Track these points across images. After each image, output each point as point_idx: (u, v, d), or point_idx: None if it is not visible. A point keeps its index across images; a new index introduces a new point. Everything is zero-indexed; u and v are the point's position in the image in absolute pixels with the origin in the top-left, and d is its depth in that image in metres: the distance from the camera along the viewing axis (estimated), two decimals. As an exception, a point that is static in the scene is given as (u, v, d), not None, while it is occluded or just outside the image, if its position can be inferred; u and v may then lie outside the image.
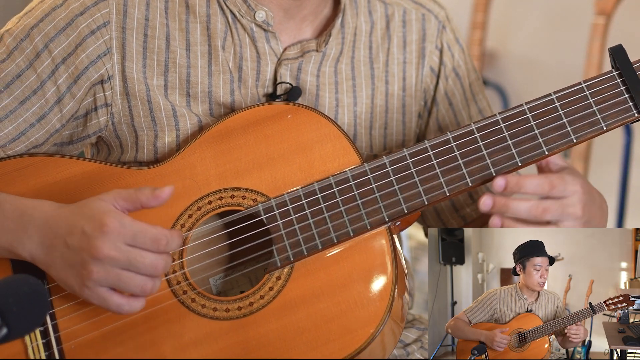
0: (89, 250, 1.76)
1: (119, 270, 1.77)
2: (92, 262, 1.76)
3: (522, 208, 1.88)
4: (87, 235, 1.77)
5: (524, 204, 1.88)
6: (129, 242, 1.77)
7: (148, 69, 1.99)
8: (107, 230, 1.76)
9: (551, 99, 1.93)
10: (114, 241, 1.76)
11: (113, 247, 1.76)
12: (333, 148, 1.94)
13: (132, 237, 1.77)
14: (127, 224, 1.78)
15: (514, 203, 1.88)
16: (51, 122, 1.97)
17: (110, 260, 1.76)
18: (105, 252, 1.76)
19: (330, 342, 1.84)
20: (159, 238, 1.78)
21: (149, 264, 1.78)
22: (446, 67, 2.18)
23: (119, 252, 1.76)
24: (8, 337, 1.54)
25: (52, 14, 1.96)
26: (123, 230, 1.77)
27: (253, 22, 2.03)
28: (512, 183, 1.89)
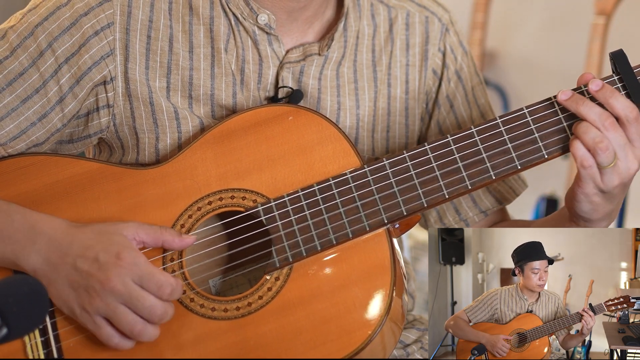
0: (99, 278, 1.79)
1: (117, 303, 1.79)
2: (98, 290, 1.79)
3: (595, 110, 1.88)
4: (100, 263, 1.80)
5: (598, 107, 1.88)
6: (135, 281, 1.80)
7: (151, 70, 1.99)
8: (121, 264, 1.79)
9: (551, 103, 1.93)
10: (123, 276, 1.79)
11: (121, 281, 1.79)
12: (333, 150, 1.94)
13: (140, 277, 1.80)
14: (141, 263, 1.81)
15: (589, 102, 1.89)
16: (52, 122, 1.97)
17: (114, 293, 1.79)
18: (112, 285, 1.78)
19: (329, 343, 1.84)
20: (164, 285, 1.80)
21: (148, 306, 1.80)
22: (449, 70, 2.18)
23: (124, 287, 1.79)
24: (8, 337, 1.54)
25: (57, 13, 1.95)
26: (134, 268, 1.80)
27: (255, 25, 2.02)
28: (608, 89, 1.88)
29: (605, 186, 1.89)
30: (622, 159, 1.88)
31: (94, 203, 1.92)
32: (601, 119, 1.87)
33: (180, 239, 1.87)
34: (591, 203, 1.92)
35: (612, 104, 1.87)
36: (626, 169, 1.88)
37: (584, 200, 1.92)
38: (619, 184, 1.89)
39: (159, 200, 1.92)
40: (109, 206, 1.92)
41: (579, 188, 1.91)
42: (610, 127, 1.87)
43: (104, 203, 1.92)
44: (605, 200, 1.92)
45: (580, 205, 1.93)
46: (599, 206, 1.93)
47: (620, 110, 1.87)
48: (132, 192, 1.93)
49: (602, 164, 1.87)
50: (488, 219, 2.23)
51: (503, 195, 2.21)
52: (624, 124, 1.87)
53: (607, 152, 1.86)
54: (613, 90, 1.88)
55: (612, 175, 1.88)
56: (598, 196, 1.91)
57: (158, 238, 1.85)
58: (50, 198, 1.91)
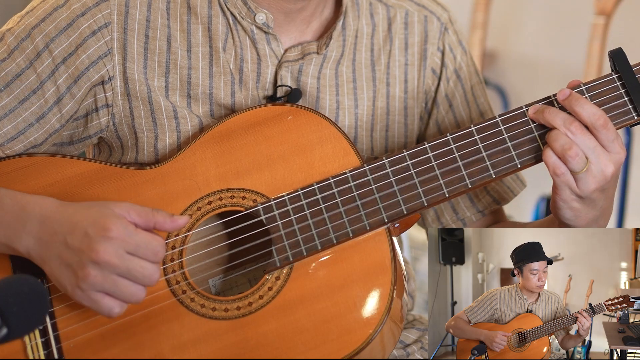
0: (89, 253, 1.76)
1: (115, 276, 1.78)
2: (90, 265, 1.77)
3: (560, 116, 1.88)
4: (89, 237, 1.77)
5: (562, 113, 1.89)
6: (130, 251, 1.78)
7: (149, 70, 1.99)
8: (110, 236, 1.77)
9: (551, 101, 1.93)
10: (115, 248, 1.77)
11: (114, 254, 1.77)
12: (333, 149, 1.94)
13: (135, 247, 1.78)
14: (132, 232, 1.78)
15: (553, 110, 1.89)
16: (50, 122, 1.97)
17: (109, 266, 1.77)
18: (105, 257, 1.76)
19: (329, 342, 1.84)
20: (160, 250, 1.80)
21: (147, 275, 1.79)
22: (447, 69, 2.18)
23: (119, 259, 1.77)
24: (8, 337, 1.54)
25: (54, 14, 1.96)
26: (127, 239, 1.78)
27: (253, 24, 2.02)
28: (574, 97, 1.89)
29: (582, 191, 1.88)
30: (595, 162, 1.86)
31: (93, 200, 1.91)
32: (566, 124, 1.87)
33: (172, 220, 1.84)
34: (572, 209, 1.92)
35: (577, 111, 1.87)
36: (600, 172, 1.87)
37: (564, 207, 1.92)
38: (596, 188, 1.88)
39: (158, 200, 1.92)
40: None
41: (556, 195, 1.91)
42: (576, 131, 1.86)
43: (103, 203, 1.92)
44: (585, 205, 1.91)
45: (562, 212, 1.93)
46: (580, 212, 1.92)
47: (586, 117, 1.87)
48: (132, 192, 1.93)
49: (574, 170, 1.86)
50: (485, 218, 2.23)
51: (501, 195, 2.21)
52: (593, 131, 1.87)
53: (577, 158, 1.85)
54: (579, 98, 1.88)
55: (587, 180, 1.87)
56: (577, 202, 1.91)
57: (150, 220, 1.82)
58: (50, 198, 1.91)
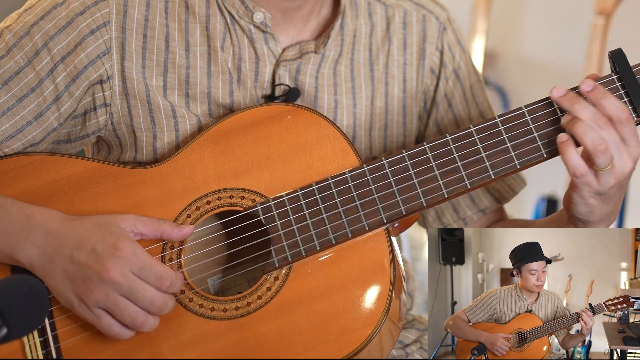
0: (96, 270, 1.78)
1: (117, 295, 1.79)
2: (96, 281, 1.78)
3: (589, 110, 1.86)
4: (97, 254, 1.79)
5: (591, 107, 1.87)
6: (135, 272, 1.79)
7: (147, 69, 1.99)
8: (119, 255, 1.78)
9: (550, 102, 1.93)
10: (122, 266, 1.78)
11: (120, 272, 1.78)
12: (332, 149, 1.94)
13: (140, 268, 1.79)
14: (140, 254, 1.80)
15: (582, 101, 1.88)
16: (48, 121, 1.97)
17: (113, 284, 1.78)
18: (111, 275, 1.77)
19: (328, 343, 1.84)
20: (164, 277, 1.80)
21: (148, 298, 1.79)
22: (446, 69, 2.18)
23: (124, 278, 1.78)
24: (8, 337, 1.54)
25: (53, 12, 1.95)
26: (134, 259, 1.79)
27: (251, 24, 2.02)
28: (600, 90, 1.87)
29: (601, 187, 1.88)
30: (617, 158, 1.87)
31: (92, 202, 1.92)
32: (595, 117, 1.86)
33: (179, 229, 1.86)
34: (588, 205, 1.92)
35: (603, 104, 1.86)
36: (621, 168, 1.87)
37: (580, 202, 1.92)
38: (615, 183, 1.88)
39: (157, 200, 1.92)
40: (107, 205, 1.91)
41: (574, 192, 1.91)
42: (604, 126, 1.86)
43: (102, 202, 1.92)
44: (602, 201, 1.91)
45: (577, 207, 1.93)
46: (595, 208, 1.92)
47: (612, 111, 1.86)
48: (131, 192, 1.93)
49: (600, 166, 1.86)
50: (486, 217, 2.23)
51: (501, 194, 2.21)
52: (616, 124, 1.86)
53: (606, 153, 1.85)
54: (605, 91, 1.87)
55: (609, 177, 1.87)
56: (595, 198, 1.91)
57: (157, 229, 1.85)
58: (48, 197, 1.91)
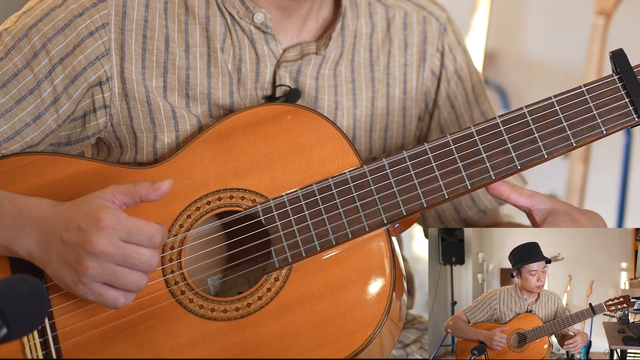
0: (84, 246, 1.76)
1: (114, 265, 1.77)
2: (87, 258, 1.76)
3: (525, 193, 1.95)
4: (83, 230, 1.77)
5: None
6: (124, 238, 1.77)
7: (147, 70, 1.99)
8: (102, 226, 1.76)
9: (551, 103, 1.92)
10: (109, 237, 1.76)
11: (108, 243, 1.76)
12: (332, 149, 1.93)
13: (128, 234, 1.77)
14: (123, 220, 1.78)
15: None
16: (47, 122, 1.97)
17: (105, 256, 1.76)
18: (100, 247, 1.76)
19: (328, 344, 1.84)
20: (154, 234, 1.78)
21: (145, 260, 1.78)
22: (448, 70, 2.18)
23: (114, 247, 1.76)
24: (8, 337, 1.54)
25: (51, 14, 1.95)
26: (119, 226, 1.77)
27: (252, 24, 2.02)
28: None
29: None
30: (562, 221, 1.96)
31: None
32: None
33: (154, 188, 1.81)
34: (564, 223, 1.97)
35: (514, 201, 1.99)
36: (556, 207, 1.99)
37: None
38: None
39: (157, 201, 1.91)
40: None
41: None
42: None
43: (102, 203, 1.91)
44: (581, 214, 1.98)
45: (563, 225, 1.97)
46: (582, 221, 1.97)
47: None
48: (131, 192, 1.92)
49: None
50: (487, 218, 2.23)
51: None
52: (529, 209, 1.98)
53: None
54: None
55: None
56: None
57: (134, 194, 1.81)
58: (49, 197, 1.90)
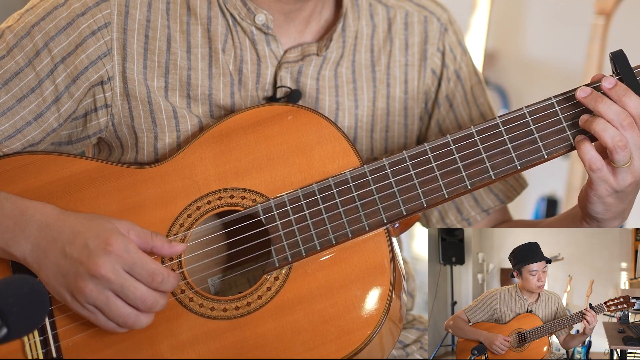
0: (87, 265, 1.77)
1: (109, 293, 1.78)
2: (87, 278, 1.77)
3: (614, 109, 1.86)
4: (89, 249, 1.78)
5: (616, 107, 1.87)
6: (127, 269, 1.78)
7: (149, 70, 1.99)
8: (110, 250, 1.77)
9: (551, 103, 1.92)
10: (113, 263, 1.77)
11: (111, 269, 1.77)
12: (333, 149, 1.93)
13: (131, 265, 1.78)
14: (131, 250, 1.79)
15: (607, 100, 1.87)
16: (48, 121, 1.97)
17: (105, 281, 1.77)
18: (102, 272, 1.76)
19: (328, 343, 1.84)
20: (156, 274, 1.79)
21: (139, 296, 1.78)
22: (448, 70, 2.18)
23: (115, 274, 1.77)
24: (8, 337, 1.54)
25: (54, 13, 1.95)
26: (125, 255, 1.78)
27: (253, 25, 2.02)
28: (622, 87, 1.87)
29: (619, 185, 1.88)
30: (637, 158, 1.86)
31: (93, 202, 1.92)
32: (620, 117, 1.85)
33: (170, 246, 1.84)
34: (604, 204, 1.91)
35: (625, 102, 1.86)
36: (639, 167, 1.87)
37: (597, 201, 1.91)
38: (633, 182, 1.88)
39: (158, 200, 1.91)
40: (108, 205, 1.91)
41: (591, 190, 1.90)
42: (628, 127, 1.85)
43: (103, 202, 1.92)
44: (618, 199, 1.91)
45: (593, 206, 1.93)
46: (612, 206, 1.92)
47: (634, 108, 1.86)
48: (132, 191, 1.93)
49: (618, 163, 1.85)
50: (490, 217, 2.23)
51: (505, 194, 2.21)
52: (638, 122, 1.86)
53: (625, 150, 1.84)
54: (626, 89, 1.87)
55: (627, 174, 1.87)
56: (612, 196, 1.90)
57: (148, 242, 1.83)
58: (49, 197, 1.91)
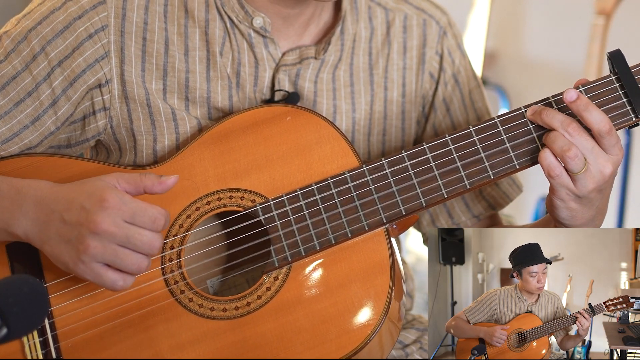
0: (87, 225, 1.76)
1: (116, 246, 1.77)
2: (89, 237, 1.76)
3: (557, 117, 1.87)
4: (86, 210, 1.77)
5: (560, 114, 1.88)
6: (127, 219, 1.77)
7: (147, 73, 1.99)
8: (106, 206, 1.76)
9: (549, 103, 1.93)
10: (113, 217, 1.76)
11: (112, 223, 1.76)
12: (332, 150, 1.94)
13: (132, 215, 1.78)
14: (127, 201, 1.78)
15: (551, 111, 1.88)
16: (45, 125, 1.97)
17: (108, 236, 1.76)
18: (104, 227, 1.76)
19: (327, 343, 1.84)
20: (158, 217, 1.79)
21: (147, 242, 1.78)
22: (446, 73, 2.18)
23: (117, 227, 1.76)
24: (8, 337, 1.54)
25: (51, 17, 1.95)
26: (123, 207, 1.77)
27: (251, 28, 2.02)
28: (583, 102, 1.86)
29: (580, 192, 1.88)
30: (593, 162, 1.86)
31: None
32: (564, 125, 1.86)
33: (160, 182, 1.83)
34: (568, 209, 1.91)
35: (585, 116, 1.86)
36: (598, 172, 1.87)
37: (561, 206, 1.92)
38: (594, 188, 1.88)
39: (157, 200, 1.91)
40: None
41: (553, 195, 1.91)
42: (574, 132, 1.85)
43: (102, 203, 1.92)
44: (582, 205, 1.91)
45: (558, 211, 1.93)
46: (577, 212, 1.92)
47: (595, 123, 1.85)
48: (130, 192, 1.93)
49: (573, 171, 1.86)
50: (480, 223, 2.23)
51: (496, 200, 2.21)
52: (597, 137, 1.86)
53: (575, 159, 1.84)
54: (587, 103, 1.86)
55: (586, 180, 1.87)
56: (574, 202, 1.90)
57: (139, 184, 1.82)
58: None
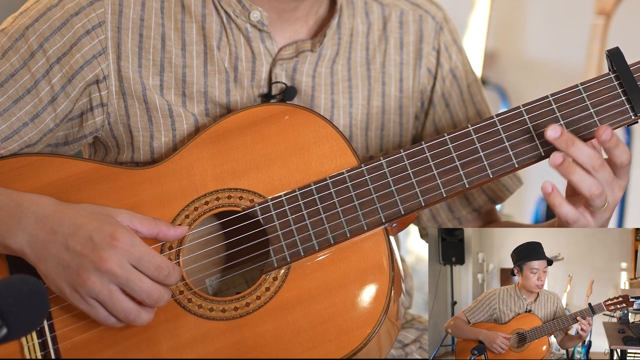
0: (92, 258, 1.77)
1: (113, 287, 1.78)
2: (92, 271, 1.77)
3: (585, 151, 1.84)
4: (94, 243, 1.78)
5: (588, 148, 1.85)
6: (133, 263, 1.79)
7: (144, 68, 1.99)
8: (116, 245, 1.77)
9: (548, 101, 1.92)
10: (120, 257, 1.77)
11: (117, 263, 1.77)
12: (330, 149, 1.94)
13: (138, 259, 1.78)
14: (137, 244, 1.79)
15: (580, 142, 1.85)
16: (45, 122, 1.97)
17: (110, 275, 1.77)
18: (108, 266, 1.76)
19: (327, 343, 1.84)
20: (162, 267, 1.80)
21: (145, 290, 1.79)
22: (443, 69, 2.18)
23: (121, 269, 1.77)
24: (8, 337, 1.54)
25: (48, 14, 1.96)
26: (132, 249, 1.78)
27: (248, 22, 2.03)
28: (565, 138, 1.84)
29: (597, 224, 1.89)
30: (610, 194, 1.87)
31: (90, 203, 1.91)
32: (592, 161, 1.84)
33: (175, 229, 1.86)
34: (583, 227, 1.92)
35: (573, 153, 1.84)
36: (614, 201, 1.88)
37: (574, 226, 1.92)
38: (609, 216, 1.91)
39: (155, 201, 1.91)
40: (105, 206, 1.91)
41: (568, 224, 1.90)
42: (599, 168, 1.85)
43: (100, 203, 1.91)
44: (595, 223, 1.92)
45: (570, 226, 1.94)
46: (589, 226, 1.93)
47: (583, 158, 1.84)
48: (129, 192, 1.93)
49: (596, 208, 1.86)
50: (481, 217, 2.23)
51: (496, 194, 2.21)
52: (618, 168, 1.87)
53: (602, 197, 1.85)
54: (573, 139, 1.85)
55: (604, 213, 1.89)
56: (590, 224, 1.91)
57: (153, 228, 1.84)
58: (46, 198, 1.91)
